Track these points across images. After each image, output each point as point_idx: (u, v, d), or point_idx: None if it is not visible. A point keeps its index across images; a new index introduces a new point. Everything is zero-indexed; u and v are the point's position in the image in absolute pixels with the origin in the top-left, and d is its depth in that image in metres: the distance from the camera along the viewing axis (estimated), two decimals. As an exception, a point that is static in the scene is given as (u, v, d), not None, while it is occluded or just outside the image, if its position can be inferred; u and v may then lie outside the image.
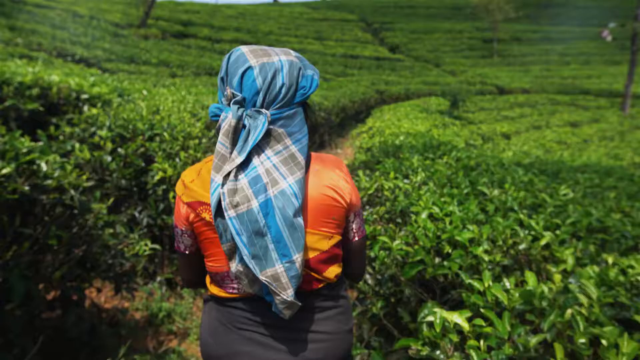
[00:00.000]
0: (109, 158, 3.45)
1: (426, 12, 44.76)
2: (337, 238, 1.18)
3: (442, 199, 2.46)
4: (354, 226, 1.25)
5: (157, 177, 3.45)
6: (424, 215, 2.17)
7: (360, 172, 4.05)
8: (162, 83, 10.93)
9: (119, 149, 3.56)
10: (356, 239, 1.26)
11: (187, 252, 1.23)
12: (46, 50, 11.37)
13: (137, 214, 3.44)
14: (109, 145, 3.52)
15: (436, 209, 2.24)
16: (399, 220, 2.59)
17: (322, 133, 11.46)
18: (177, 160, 3.71)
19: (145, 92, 6.56)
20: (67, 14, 19.01)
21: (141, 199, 3.57)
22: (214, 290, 1.21)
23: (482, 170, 4.07)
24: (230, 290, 1.17)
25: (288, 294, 1.03)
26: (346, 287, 1.30)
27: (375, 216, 2.74)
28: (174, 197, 3.50)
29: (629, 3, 47.06)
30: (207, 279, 1.26)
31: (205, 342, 1.24)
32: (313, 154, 1.21)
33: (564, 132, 13.47)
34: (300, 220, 1.05)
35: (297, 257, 1.04)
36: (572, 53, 33.18)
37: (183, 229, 1.19)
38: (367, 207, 3.58)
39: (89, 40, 14.83)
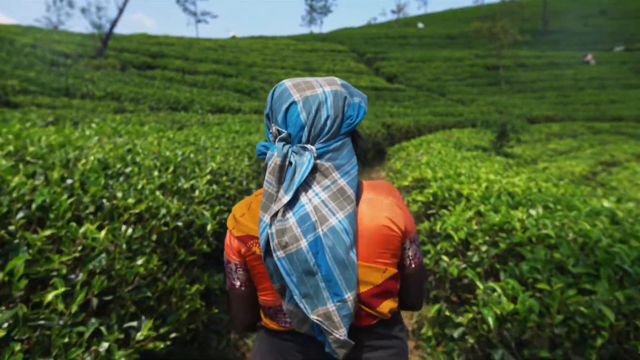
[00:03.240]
0: None
1: (419, 41, 42.14)
2: (392, 271, 1.06)
3: None
4: (410, 253, 1.12)
5: None
6: None
7: None
8: (88, 120, 7.30)
9: None
10: (412, 266, 1.14)
11: (243, 287, 1.13)
12: None
13: None
14: None
15: None
16: None
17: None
18: None
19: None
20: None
21: None
22: (267, 321, 1.12)
23: None
24: (283, 324, 1.08)
25: (341, 333, 0.94)
26: (403, 328, 1.15)
27: None
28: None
29: (629, 28, 45.32)
30: (261, 312, 1.14)
31: None
32: (364, 182, 1.11)
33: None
34: (352, 256, 0.96)
35: (349, 296, 0.95)
36: (584, 78, 30.40)
37: (237, 262, 1.10)
38: None
39: (7, 68, 11.22)
